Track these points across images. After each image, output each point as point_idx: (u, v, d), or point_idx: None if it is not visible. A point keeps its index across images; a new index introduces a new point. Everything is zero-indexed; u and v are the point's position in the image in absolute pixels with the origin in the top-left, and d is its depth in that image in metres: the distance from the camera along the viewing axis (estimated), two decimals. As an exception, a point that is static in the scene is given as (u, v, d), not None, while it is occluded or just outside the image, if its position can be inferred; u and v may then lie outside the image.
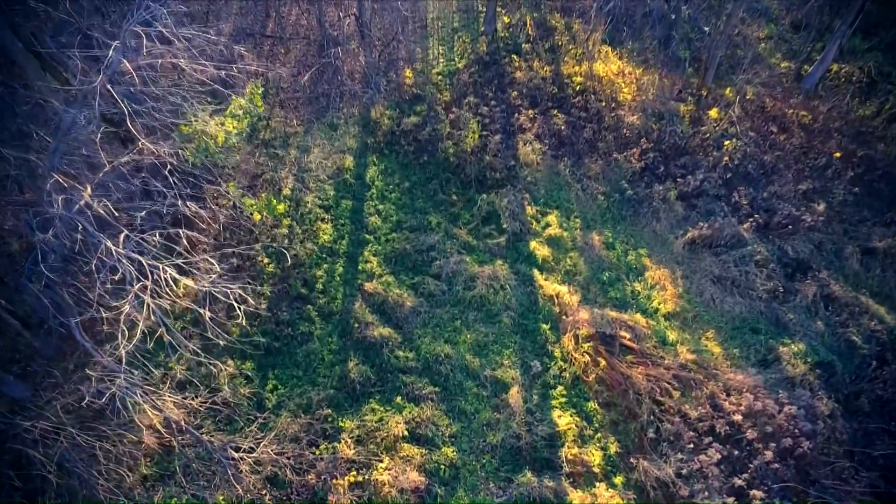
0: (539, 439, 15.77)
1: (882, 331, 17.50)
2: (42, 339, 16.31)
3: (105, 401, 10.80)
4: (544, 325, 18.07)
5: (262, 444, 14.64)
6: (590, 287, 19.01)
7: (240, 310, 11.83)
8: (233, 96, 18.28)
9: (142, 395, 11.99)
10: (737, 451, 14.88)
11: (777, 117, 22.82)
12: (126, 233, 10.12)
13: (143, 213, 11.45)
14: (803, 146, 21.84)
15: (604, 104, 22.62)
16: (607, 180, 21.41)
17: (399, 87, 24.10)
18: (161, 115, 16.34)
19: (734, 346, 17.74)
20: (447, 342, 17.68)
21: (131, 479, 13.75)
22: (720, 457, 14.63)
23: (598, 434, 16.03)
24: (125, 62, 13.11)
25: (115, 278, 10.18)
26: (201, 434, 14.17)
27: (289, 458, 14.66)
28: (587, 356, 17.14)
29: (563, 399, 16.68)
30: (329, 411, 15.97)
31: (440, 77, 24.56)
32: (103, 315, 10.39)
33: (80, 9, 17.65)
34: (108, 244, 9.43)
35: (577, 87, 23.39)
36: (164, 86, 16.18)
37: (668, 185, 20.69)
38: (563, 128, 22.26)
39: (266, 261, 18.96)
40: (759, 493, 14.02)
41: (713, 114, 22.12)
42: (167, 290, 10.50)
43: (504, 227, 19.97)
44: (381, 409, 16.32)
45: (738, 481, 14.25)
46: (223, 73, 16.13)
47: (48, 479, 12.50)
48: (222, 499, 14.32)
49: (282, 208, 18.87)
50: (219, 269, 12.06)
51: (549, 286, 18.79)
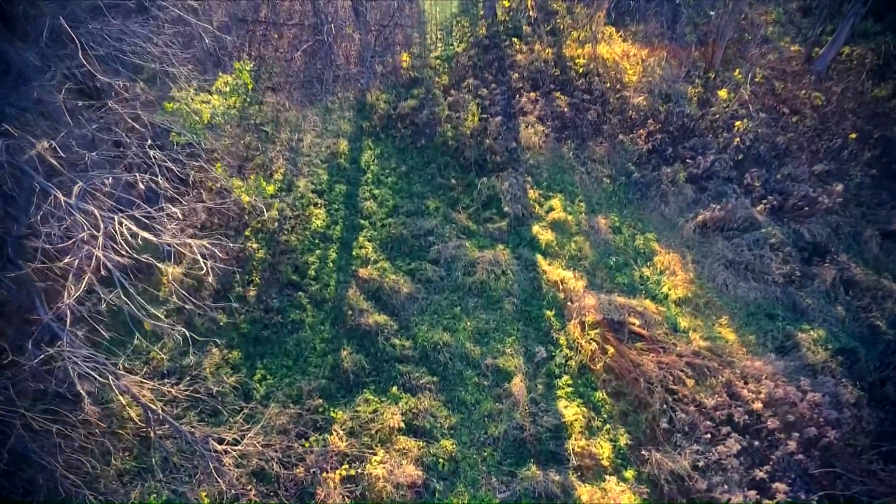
0: (544, 431, 14.77)
1: (907, 316, 16.55)
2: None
3: (58, 378, 9.79)
4: (548, 312, 17.10)
5: (247, 436, 13.65)
6: (596, 272, 18.06)
7: (207, 266, 10.75)
8: (220, 73, 17.48)
9: (113, 379, 11.05)
10: (757, 442, 13.87)
11: (788, 99, 21.95)
12: (81, 185, 9.20)
13: (109, 179, 10.50)
14: (817, 128, 20.95)
15: (608, 85, 21.76)
16: (613, 163, 20.51)
17: (396, 71, 23.26)
18: (143, 88, 15.50)
19: (750, 333, 16.75)
20: (446, 330, 16.72)
21: (104, 471, 12.74)
22: (740, 448, 13.62)
23: (607, 425, 15.03)
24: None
25: (63, 231, 9.23)
26: (181, 425, 13.18)
27: (276, 451, 13.66)
28: (594, 343, 16.17)
29: (570, 388, 15.69)
30: (320, 401, 14.99)
31: (438, 61, 23.72)
32: (51, 267, 9.38)
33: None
34: (59, 194, 8.51)
35: (581, 70, 22.54)
36: (145, 54, 15.37)
37: (676, 168, 19.78)
38: (566, 110, 21.39)
39: (255, 246, 18.04)
40: (782, 486, 12.99)
41: (722, 94, 21.24)
42: (122, 242, 9.52)
43: (505, 210, 19.04)
44: (376, 399, 15.33)
45: (760, 473, 13.22)
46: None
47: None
48: (204, 495, 13.30)
49: (271, 189, 17.98)
50: (181, 219, 10.97)
51: (554, 271, 17.84)
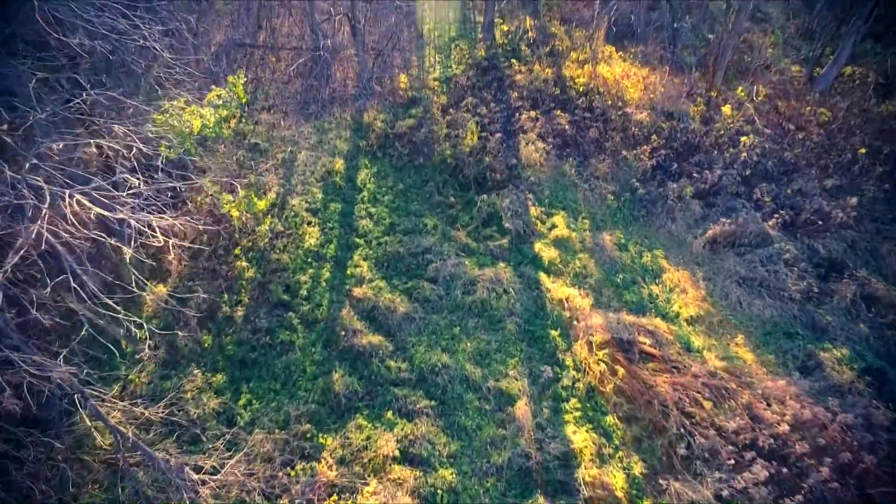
0: (551, 459, 13.58)
1: (935, 334, 15.55)
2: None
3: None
4: (553, 332, 16.14)
5: (228, 465, 12.50)
6: (602, 290, 17.16)
7: (170, 246, 9.88)
8: (213, 87, 17.06)
9: (78, 397, 10.05)
10: (785, 469, 12.66)
11: (793, 116, 21.52)
12: (35, 162, 8.46)
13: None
14: (824, 144, 20.42)
15: (609, 103, 21.38)
16: (616, 180, 19.90)
17: (393, 92, 22.99)
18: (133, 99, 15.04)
19: (768, 352, 15.72)
20: (444, 351, 15.72)
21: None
22: (767, 475, 12.41)
23: (620, 452, 13.83)
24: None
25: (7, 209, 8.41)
26: (156, 451, 12.06)
27: (259, 481, 12.50)
28: (603, 364, 15.14)
29: (578, 413, 14.57)
30: (308, 427, 13.87)
31: (436, 82, 23.49)
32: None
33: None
34: (7, 172, 7.75)
35: (581, 89, 22.23)
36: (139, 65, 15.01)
37: (682, 183, 19.14)
38: (566, 128, 20.94)
39: (245, 265, 17.22)
40: (816, 518, 11.76)
41: (726, 110, 20.84)
42: (72, 218, 8.68)
43: (506, 227, 18.31)
44: (369, 425, 14.20)
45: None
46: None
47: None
48: (178, 531, 12.06)
49: (263, 205, 17.29)
50: (144, 191, 10.14)
51: (558, 289, 16.96)
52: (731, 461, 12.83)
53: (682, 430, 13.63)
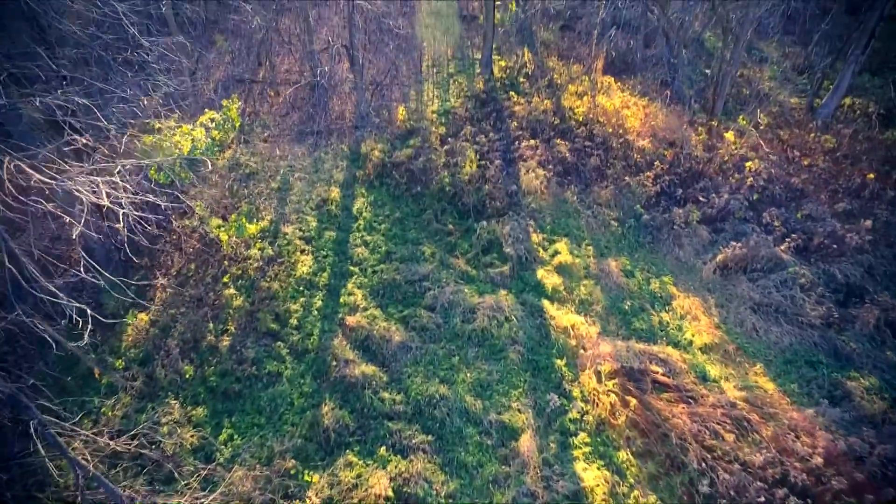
0: (560, 498, 12.33)
1: (969, 361, 14.50)
2: None
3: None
4: (559, 361, 15.12)
5: (201, 505, 11.28)
6: (609, 318, 16.24)
7: (121, 216, 9.08)
8: (207, 110, 16.77)
9: (34, 424, 9.04)
10: (821, 507, 11.40)
11: (797, 144, 21.19)
12: None
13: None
14: (831, 169, 19.97)
15: (610, 131, 21.09)
16: (620, 206, 19.31)
17: (391, 123, 22.83)
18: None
19: (790, 382, 14.63)
20: (443, 382, 14.66)
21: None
22: (801, 514, 11.14)
23: (635, 491, 12.56)
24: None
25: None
26: (121, 488, 10.89)
27: (235, 524, 11.24)
28: (613, 395, 14.05)
29: (588, 448, 13.37)
30: (293, 463, 12.68)
31: (435, 115, 23.37)
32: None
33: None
34: None
35: (580, 119, 22.02)
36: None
37: (688, 209, 18.55)
38: (567, 155, 20.56)
39: (233, 293, 16.41)
40: (861, 564, 10.41)
41: (729, 136, 20.52)
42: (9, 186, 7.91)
43: (507, 252, 17.58)
44: (360, 462, 13.00)
45: (831, 547, 10.68)
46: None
47: None
48: (142, 582, 10.75)
49: (253, 229, 16.65)
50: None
51: (563, 317, 16.05)
52: (762, 499, 11.56)
53: (703, 466, 12.41)
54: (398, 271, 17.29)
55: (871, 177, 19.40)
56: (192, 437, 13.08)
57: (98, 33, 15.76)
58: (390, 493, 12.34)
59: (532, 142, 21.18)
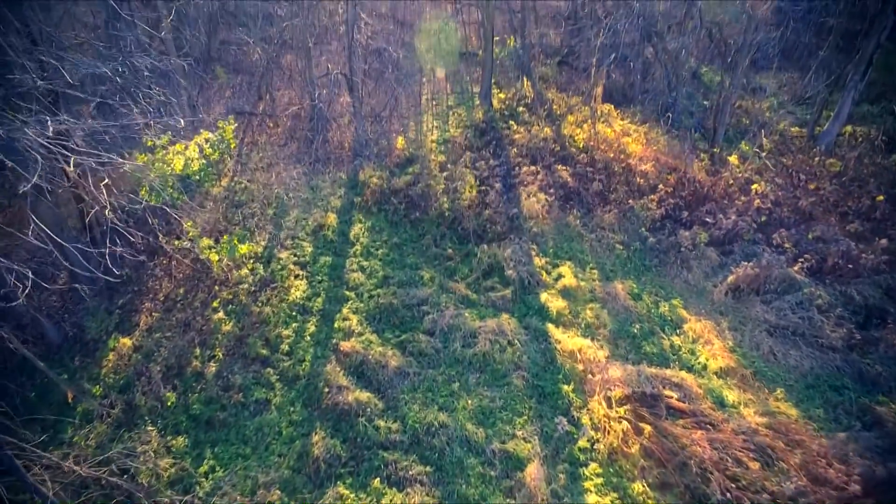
0: (572, 535, 11.19)
1: None
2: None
3: None
4: (566, 387, 14.20)
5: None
6: (618, 342, 15.41)
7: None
8: (201, 130, 16.53)
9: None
10: (862, 541, 10.27)
11: (802, 169, 20.85)
12: None
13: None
14: (839, 192, 19.52)
15: (612, 156, 20.83)
16: (624, 230, 18.78)
17: (390, 154, 22.64)
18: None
19: (815, 407, 13.64)
20: (442, 409, 13.72)
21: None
22: (841, 549, 10.02)
23: (654, 527, 11.43)
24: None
25: None
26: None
27: (211, 563, 10.12)
28: (625, 422, 13.07)
29: (599, 479, 12.29)
30: (278, 495, 11.62)
31: (434, 143, 23.24)
32: None
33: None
34: None
35: (581, 146, 21.83)
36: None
37: (695, 231, 18.01)
38: (569, 180, 20.21)
39: (222, 317, 15.67)
40: None
41: (733, 160, 20.21)
42: None
43: (509, 275, 16.92)
44: (352, 495, 11.94)
45: (877, 586, 9.51)
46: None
47: None
48: None
49: (245, 249, 16.06)
50: None
51: (569, 340, 15.22)
52: (794, 532, 10.46)
53: (727, 497, 11.32)
54: (395, 296, 16.60)
55: (881, 199, 18.94)
56: (170, 467, 12.06)
57: (106, 71, 15.58)
58: (384, 529, 11.25)
59: (532, 168, 20.89)
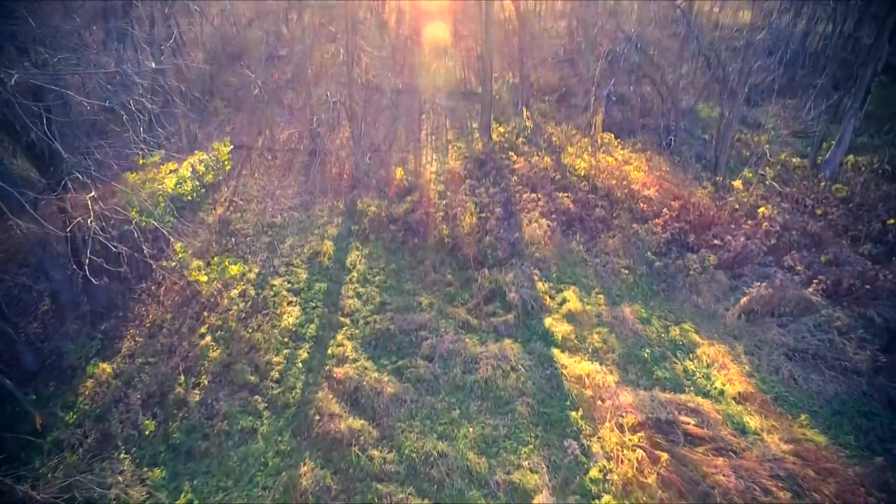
0: (586, 574, 10.02)
1: None
2: None
3: None
4: (574, 414, 13.23)
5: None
6: (628, 367, 14.53)
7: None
8: (197, 151, 16.30)
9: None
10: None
11: (808, 195, 20.48)
12: None
13: None
14: (847, 216, 19.06)
15: (614, 182, 20.51)
16: (629, 254, 18.18)
17: (389, 184, 22.38)
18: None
19: (844, 434, 12.62)
20: (441, 438, 12.73)
21: None
22: (890, 586, 8.86)
23: (678, 565, 10.25)
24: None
25: None
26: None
27: None
28: (640, 450, 12.06)
29: (615, 513, 11.18)
30: (259, 530, 10.52)
31: (434, 174, 23.02)
32: None
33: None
34: None
35: (582, 174, 21.58)
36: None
37: (703, 254, 17.42)
38: (570, 206, 19.80)
39: (210, 342, 14.88)
40: None
41: (737, 184, 19.86)
42: None
43: (511, 299, 16.22)
44: (342, 531, 10.82)
45: None
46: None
47: None
48: None
49: (235, 270, 15.45)
50: None
51: (576, 365, 14.36)
52: (836, 568, 9.32)
53: (757, 529, 10.22)
54: (392, 321, 15.86)
55: (892, 222, 18.45)
56: (143, 499, 11.00)
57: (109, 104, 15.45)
58: (377, 569, 10.10)
59: (533, 195, 20.54)
